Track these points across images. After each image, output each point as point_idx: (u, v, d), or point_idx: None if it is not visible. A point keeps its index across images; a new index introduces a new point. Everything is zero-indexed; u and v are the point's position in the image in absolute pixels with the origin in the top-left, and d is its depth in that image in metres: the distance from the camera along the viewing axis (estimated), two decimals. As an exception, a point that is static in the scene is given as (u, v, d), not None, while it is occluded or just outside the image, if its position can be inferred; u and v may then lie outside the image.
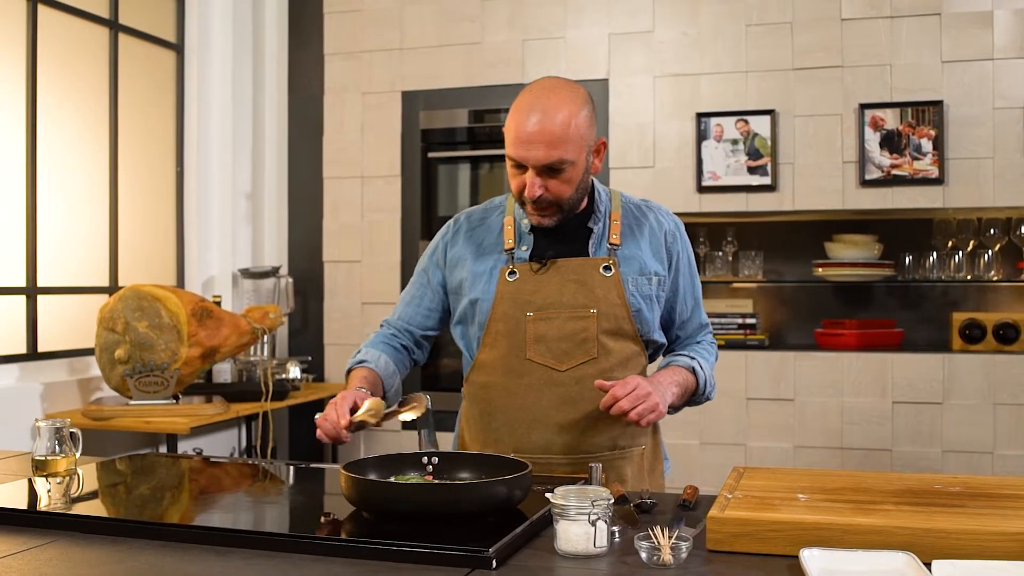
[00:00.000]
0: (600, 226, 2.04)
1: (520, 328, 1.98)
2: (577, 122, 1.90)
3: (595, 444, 1.99)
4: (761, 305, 4.41)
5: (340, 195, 4.58)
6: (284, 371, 4.21)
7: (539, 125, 1.87)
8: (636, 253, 2.02)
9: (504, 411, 2.02)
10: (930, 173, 3.85)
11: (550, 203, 1.94)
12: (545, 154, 1.88)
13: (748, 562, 1.37)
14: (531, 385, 1.98)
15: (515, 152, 1.90)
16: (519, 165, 1.92)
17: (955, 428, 3.78)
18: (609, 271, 1.99)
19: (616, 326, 1.98)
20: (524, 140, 1.88)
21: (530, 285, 1.99)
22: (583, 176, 1.96)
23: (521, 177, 1.93)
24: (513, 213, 2.07)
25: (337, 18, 4.59)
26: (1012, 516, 1.41)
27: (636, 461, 2.06)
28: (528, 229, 2.04)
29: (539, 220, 1.98)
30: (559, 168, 1.90)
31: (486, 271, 2.04)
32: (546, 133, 1.87)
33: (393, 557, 1.39)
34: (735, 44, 4.08)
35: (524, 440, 2.00)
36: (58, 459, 1.89)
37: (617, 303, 1.98)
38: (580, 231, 2.03)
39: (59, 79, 3.76)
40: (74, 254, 3.85)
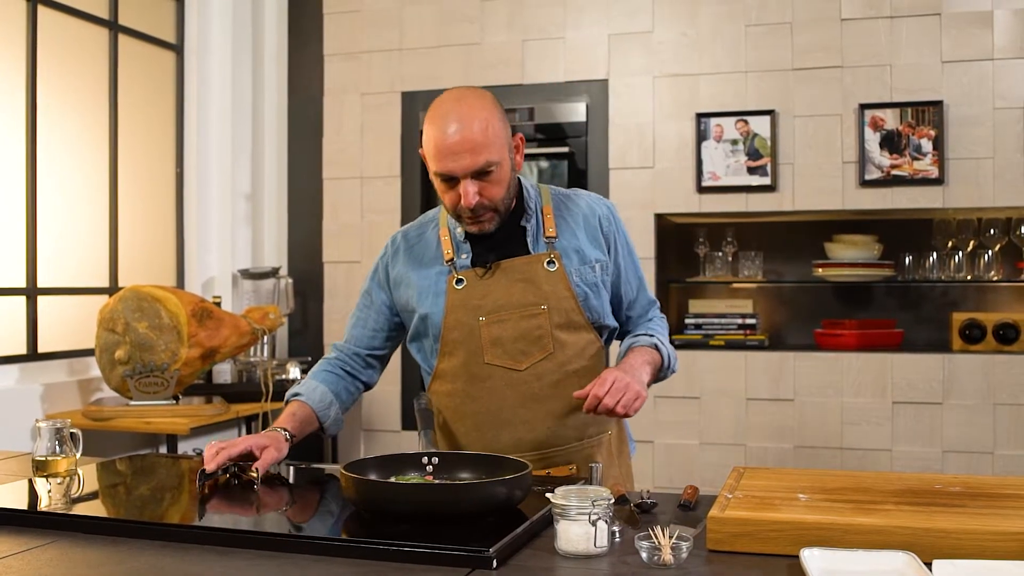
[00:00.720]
0: (533, 222, 2.06)
1: (475, 334, 2.00)
2: (494, 124, 1.93)
3: (563, 437, 2.03)
4: (761, 305, 4.41)
5: (340, 196, 4.58)
6: (284, 372, 4.20)
7: (459, 134, 1.89)
8: (574, 243, 2.05)
9: (470, 416, 2.04)
10: (930, 173, 3.85)
11: (486, 208, 1.95)
12: (472, 160, 1.89)
13: (748, 562, 1.37)
14: (493, 388, 2.01)
15: (442, 166, 1.91)
16: (448, 179, 1.93)
17: (955, 428, 3.78)
18: (553, 265, 2.01)
19: (567, 319, 2.01)
20: (448, 152, 1.90)
21: (479, 290, 2.01)
22: (510, 176, 1.99)
23: (453, 191, 1.94)
24: (447, 224, 2.09)
25: (336, 19, 4.60)
26: (1012, 516, 1.41)
27: (605, 447, 2.10)
28: (463, 238, 2.05)
29: (479, 228, 1.98)
30: (488, 171, 1.92)
31: (431, 284, 2.05)
32: (467, 141, 1.89)
33: (394, 557, 1.39)
34: (735, 44, 4.08)
35: (493, 442, 2.02)
36: (58, 460, 1.89)
37: (565, 295, 2.01)
38: (514, 231, 2.05)
39: (59, 80, 3.76)
40: (74, 255, 3.85)
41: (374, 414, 4.51)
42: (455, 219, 2.02)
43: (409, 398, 4.36)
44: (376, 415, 4.51)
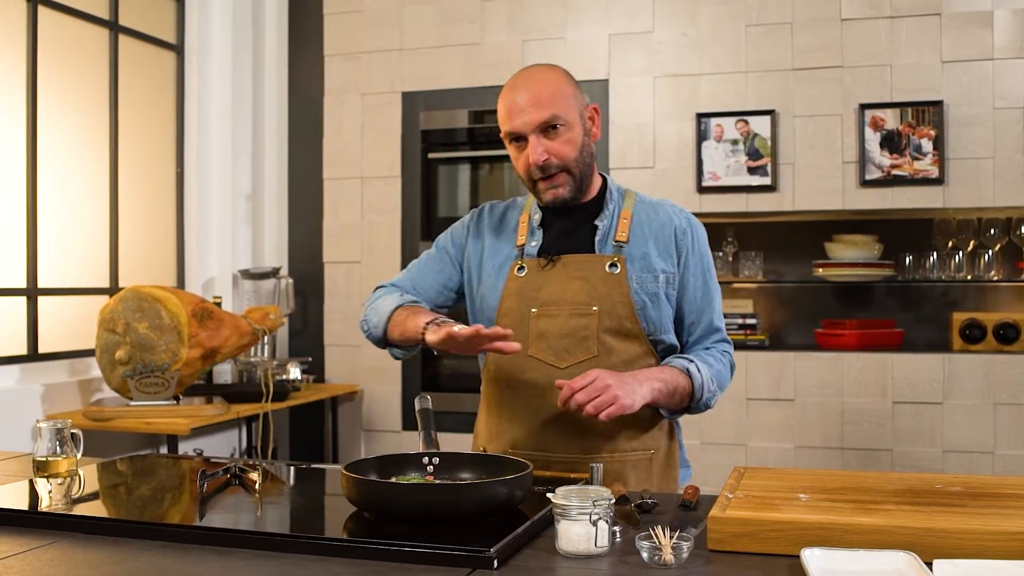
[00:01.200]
0: (606, 223, 2.02)
1: (524, 324, 1.98)
2: (561, 86, 1.96)
3: (593, 446, 1.97)
4: (761, 305, 4.41)
5: (340, 196, 4.58)
6: (284, 372, 4.21)
7: (526, 93, 1.94)
8: (643, 251, 2.00)
9: (507, 406, 2.03)
10: (930, 173, 3.85)
11: (558, 169, 1.94)
12: (536, 114, 1.91)
13: (749, 562, 1.37)
14: (533, 381, 1.98)
15: (509, 126, 1.95)
16: (517, 140, 1.95)
17: (955, 428, 3.78)
18: (615, 268, 1.96)
19: (618, 324, 1.96)
20: (515, 111, 1.93)
21: (536, 281, 1.99)
22: (583, 141, 1.97)
23: (524, 153, 1.95)
24: (528, 210, 2.08)
25: (337, 19, 4.60)
26: (1013, 516, 1.41)
27: (643, 466, 2.01)
28: (539, 223, 2.05)
29: (553, 194, 1.97)
30: (555, 126, 1.93)
31: (497, 266, 2.05)
32: (533, 98, 1.93)
33: (394, 557, 1.39)
34: (735, 44, 4.08)
35: (523, 436, 2.00)
36: (59, 460, 1.89)
37: (620, 301, 1.95)
38: (587, 227, 2.02)
39: (59, 80, 3.76)
40: (74, 255, 3.85)
41: (374, 414, 4.51)
42: (531, 190, 2.01)
43: (409, 398, 4.36)
44: (376, 415, 4.51)
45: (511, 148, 1.99)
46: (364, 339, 4.75)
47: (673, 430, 2.10)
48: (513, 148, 1.98)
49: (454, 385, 4.39)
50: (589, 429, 1.94)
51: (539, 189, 1.99)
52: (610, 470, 1.94)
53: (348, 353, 4.55)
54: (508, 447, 2.02)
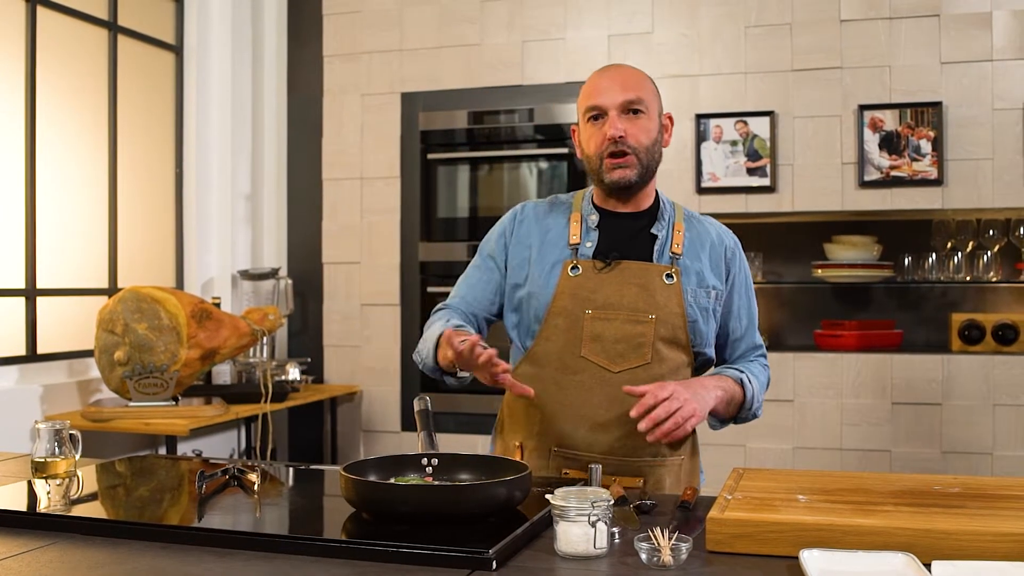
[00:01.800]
0: (664, 233, 2.05)
1: (578, 325, 1.98)
2: (648, 80, 2.04)
3: (637, 449, 1.98)
4: (760, 306, 4.37)
5: (339, 196, 4.58)
6: (283, 372, 4.21)
7: (615, 76, 2.00)
8: (697, 265, 2.04)
9: (552, 405, 2.01)
10: (929, 174, 3.86)
11: (630, 150, 1.98)
12: (622, 93, 1.97)
13: (748, 563, 1.37)
14: (582, 383, 1.98)
15: (593, 100, 1.98)
16: (596, 118, 1.99)
17: (954, 429, 3.78)
18: (671, 279, 1.99)
19: (672, 334, 1.99)
20: (601, 89, 1.98)
21: (592, 283, 1.99)
22: (657, 135, 2.03)
23: (600, 129, 1.98)
24: (580, 210, 2.09)
25: (336, 19, 4.60)
26: (1011, 517, 1.41)
27: (675, 471, 2.06)
28: (595, 224, 2.06)
29: (621, 174, 1.99)
30: (637, 109, 1.98)
31: (548, 264, 2.04)
32: (621, 80, 1.99)
33: (393, 558, 1.39)
34: (734, 45, 4.08)
35: (568, 436, 2.00)
36: (58, 461, 1.89)
37: (676, 312, 1.98)
38: (644, 235, 2.05)
39: (58, 81, 3.76)
40: (73, 256, 3.85)
41: (373, 415, 4.51)
42: (595, 171, 2.02)
43: (409, 399, 4.36)
44: (375, 416, 4.51)
45: (586, 126, 2.02)
46: (363, 340, 4.77)
47: (696, 435, 2.14)
48: (589, 125, 2.01)
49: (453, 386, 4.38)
50: (633, 432, 1.91)
51: (605, 167, 1.99)
52: (651, 474, 2.00)
53: (347, 354, 4.55)
54: (554, 445, 2.02)
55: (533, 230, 2.10)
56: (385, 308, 4.49)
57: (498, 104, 4.35)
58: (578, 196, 2.13)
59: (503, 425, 2.16)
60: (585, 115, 2.01)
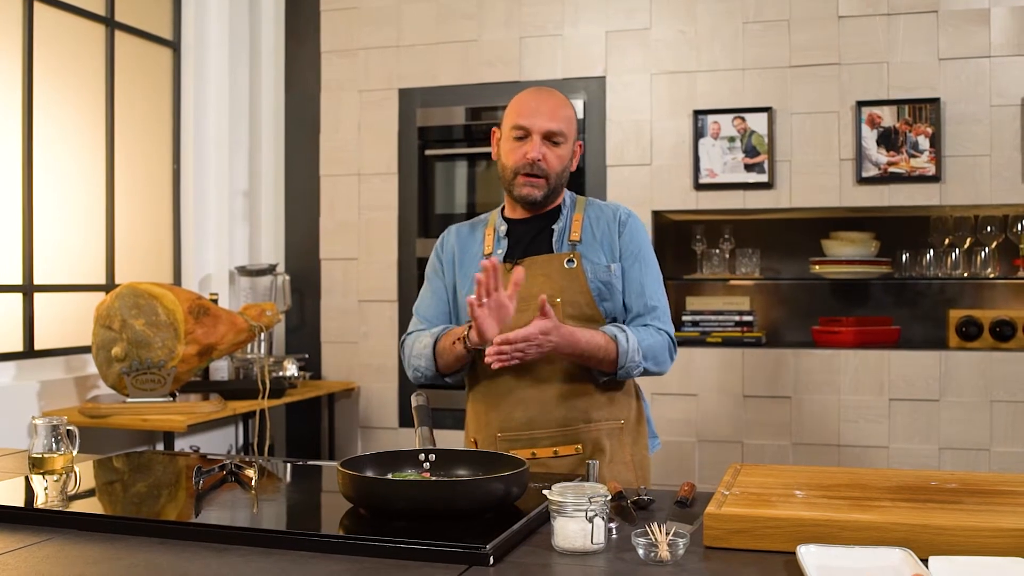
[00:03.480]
0: (561, 225, 2.28)
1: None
2: (573, 116, 2.29)
3: (570, 419, 2.20)
4: (758, 302, 4.41)
5: (337, 193, 4.58)
6: (281, 369, 4.20)
7: (548, 103, 2.23)
8: (593, 246, 2.26)
9: (490, 396, 2.25)
10: (927, 171, 3.86)
11: (542, 173, 2.22)
12: (549, 122, 2.21)
13: (745, 558, 1.38)
14: (511, 370, 2.17)
15: (522, 120, 2.21)
16: (521, 137, 2.21)
17: (952, 425, 3.79)
18: (572, 263, 2.23)
19: (580, 312, 2.21)
20: (531, 111, 2.21)
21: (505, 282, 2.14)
22: (567, 162, 2.28)
23: (521, 148, 2.22)
24: (493, 223, 2.34)
25: (334, 16, 4.59)
26: (1008, 512, 1.42)
27: (615, 435, 2.25)
28: (504, 233, 2.30)
29: (529, 192, 2.23)
30: (557, 140, 2.22)
31: (469, 275, 2.27)
32: (552, 110, 2.22)
33: (390, 554, 1.39)
34: (732, 42, 4.08)
35: (508, 419, 2.21)
36: (55, 457, 1.88)
37: (580, 291, 2.21)
38: (546, 232, 2.29)
39: (55, 76, 3.75)
40: (71, 252, 3.85)
41: (371, 411, 4.51)
42: (508, 184, 2.26)
43: (406, 395, 4.36)
44: (373, 412, 4.51)
45: (508, 140, 2.25)
46: (361, 336, 4.77)
47: (640, 403, 2.35)
48: (511, 140, 2.24)
49: (450, 383, 4.38)
50: (563, 403, 2.20)
51: (518, 183, 2.24)
52: (587, 439, 2.21)
53: (345, 350, 4.55)
54: (497, 432, 2.23)
55: (456, 249, 2.37)
56: (383, 304, 4.49)
57: (496, 100, 4.35)
58: (493, 213, 2.39)
59: (466, 425, 2.39)
60: (511, 130, 2.23)
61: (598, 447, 2.21)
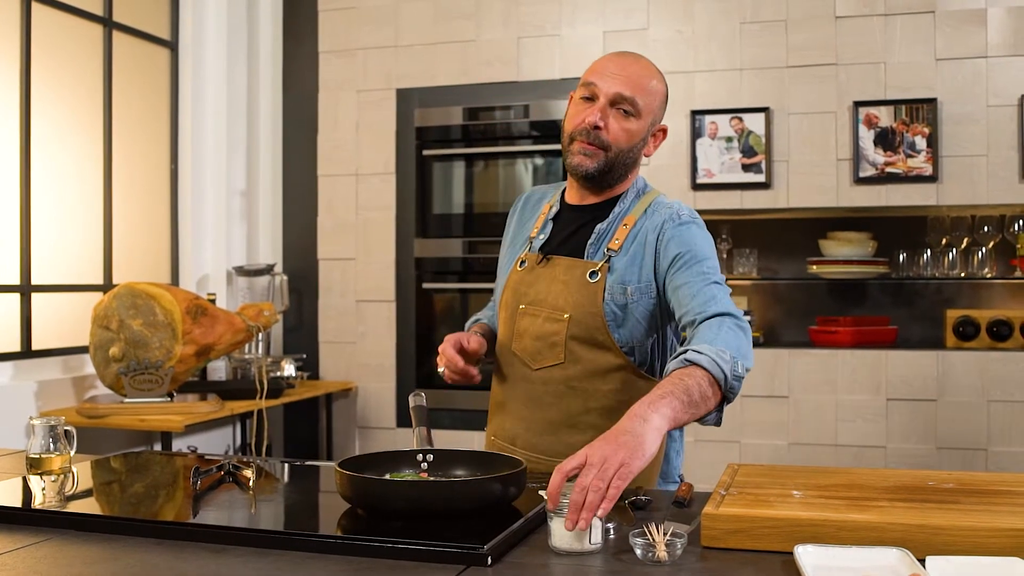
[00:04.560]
0: (604, 227, 1.94)
1: (513, 319, 2.00)
2: (657, 85, 1.94)
3: (553, 450, 1.92)
4: (755, 302, 4.41)
5: (335, 193, 4.58)
6: (279, 369, 4.20)
7: (628, 67, 1.90)
8: (625, 260, 1.89)
9: (499, 395, 2.07)
10: (924, 171, 3.86)
11: (601, 143, 1.89)
12: (621, 86, 1.88)
13: (743, 558, 1.38)
14: (512, 376, 2.02)
15: (592, 77, 1.90)
16: (587, 97, 1.91)
17: (949, 425, 3.79)
18: (595, 276, 1.89)
19: (588, 334, 1.88)
20: (605, 71, 1.90)
21: (529, 277, 1.99)
22: (639, 143, 1.93)
23: (586, 110, 1.90)
24: (552, 200, 2.06)
25: (332, 15, 4.59)
26: (1006, 512, 1.42)
27: None
28: (552, 216, 2.02)
29: (581, 161, 1.89)
30: (627, 110, 1.89)
31: (511, 256, 2.08)
32: (628, 72, 1.90)
33: (388, 554, 1.39)
34: (729, 42, 4.08)
35: (499, 427, 2.06)
36: (52, 457, 1.88)
37: (592, 311, 1.87)
38: (587, 229, 1.96)
39: (53, 77, 3.75)
40: (68, 252, 3.84)
41: (369, 411, 4.51)
42: (565, 149, 1.94)
43: (404, 395, 4.36)
44: (371, 412, 4.51)
45: (576, 100, 1.93)
46: (359, 336, 4.76)
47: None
48: (578, 101, 1.92)
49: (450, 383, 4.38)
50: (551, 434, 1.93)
51: (572, 150, 1.91)
52: None
53: (343, 350, 4.55)
54: (491, 435, 2.08)
55: (515, 222, 2.13)
56: (380, 304, 4.49)
57: (493, 100, 4.35)
58: (559, 188, 2.08)
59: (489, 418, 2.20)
60: (580, 88, 1.93)
61: None
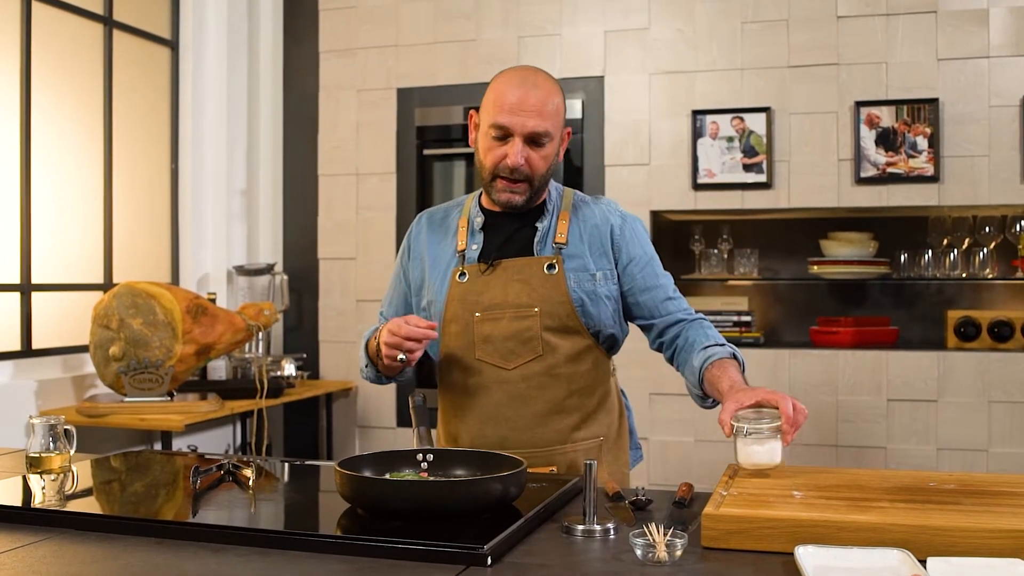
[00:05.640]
0: (546, 224, 2.06)
1: (469, 329, 2.03)
2: (558, 102, 2.00)
3: (545, 439, 2.04)
4: (756, 303, 4.41)
5: (335, 192, 4.58)
6: (279, 368, 4.20)
7: (532, 96, 1.94)
8: (580, 249, 2.04)
9: (461, 408, 2.08)
10: (925, 171, 3.86)
11: (524, 178, 1.98)
12: (536, 123, 1.94)
13: (743, 559, 1.37)
14: (482, 384, 2.04)
15: (504, 119, 1.94)
16: (501, 137, 1.96)
17: (950, 426, 3.79)
18: (553, 269, 2.01)
19: (560, 323, 2.01)
20: (515, 108, 1.93)
21: (477, 286, 2.03)
22: (554, 159, 2.02)
23: (501, 148, 1.97)
24: (468, 214, 2.11)
25: (332, 15, 4.59)
26: (1007, 513, 1.42)
27: (592, 452, 2.08)
28: (480, 227, 2.08)
29: (509, 197, 2.00)
30: (541, 142, 1.96)
31: (440, 273, 2.09)
32: (537, 104, 1.94)
33: (388, 554, 1.38)
34: (731, 42, 4.08)
35: (479, 436, 2.06)
36: (52, 456, 1.88)
37: (560, 300, 2.00)
38: (527, 230, 2.07)
39: (53, 76, 3.75)
40: (68, 251, 3.84)
41: (369, 411, 4.51)
42: (486, 184, 2.03)
43: (404, 395, 4.35)
44: (371, 412, 4.51)
45: (485, 136, 1.99)
46: (359, 335, 4.76)
47: (623, 418, 2.19)
48: (489, 137, 1.98)
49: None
50: (540, 425, 2.03)
51: (496, 187, 2.01)
52: (563, 460, 2.04)
53: (343, 349, 4.55)
54: (467, 446, 2.06)
55: (425, 243, 2.14)
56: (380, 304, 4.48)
57: (494, 100, 4.34)
58: (468, 201, 2.15)
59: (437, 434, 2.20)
60: (489, 128, 1.97)
61: (574, 467, 2.04)
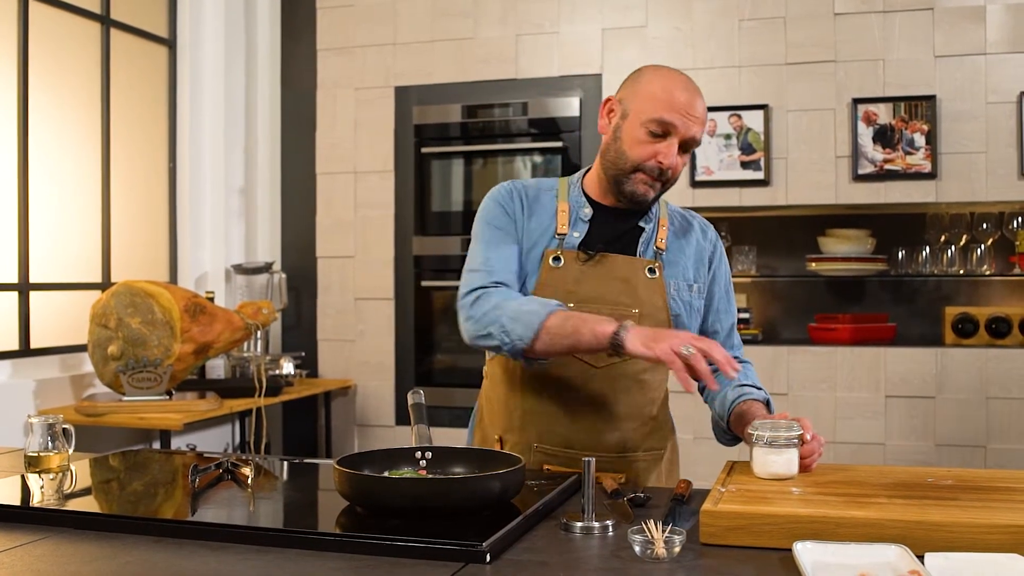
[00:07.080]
0: (650, 227, 2.00)
1: None
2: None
3: (615, 446, 1.98)
4: (754, 300, 4.41)
5: (333, 191, 4.58)
6: (277, 367, 4.20)
7: (698, 103, 1.90)
8: (680, 259, 2.00)
9: (534, 400, 1.97)
10: (923, 168, 3.86)
11: (665, 179, 1.92)
12: (697, 130, 1.90)
13: (741, 555, 1.38)
14: (566, 378, 1.94)
15: (673, 118, 1.86)
16: (660, 134, 1.88)
17: (948, 422, 3.79)
18: (654, 273, 1.95)
19: None
20: (685, 110, 1.87)
21: (573, 275, 1.93)
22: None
23: (655, 145, 1.88)
24: (568, 199, 2.00)
25: (330, 13, 4.58)
26: (1004, 509, 1.42)
27: (654, 465, 2.05)
28: (588, 217, 1.98)
29: (646, 191, 1.91)
30: (689, 149, 1.92)
31: (533, 251, 1.96)
32: (702, 113, 1.91)
33: (387, 552, 1.39)
34: (728, 39, 4.08)
35: (549, 432, 1.96)
36: (51, 455, 1.88)
37: (659, 306, 1.94)
38: (633, 230, 1.99)
39: (51, 75, 3.74)
40: (67, 250, 3.84)
41: (367, 409, 4.51)
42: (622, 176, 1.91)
43: (402, 393, 4.36)
44: (370, 410, 4.51)
45: (639, 127, 1.89)
46: (357, 334, 4.74)
47: (674, 430, 2.18)
48: (644, 131, 1.88)
49: (447, 380, 4.39)
50: (614, 429, 1.96)
51: (635, 179, 1.90)
52: (628, 468, 1.98)
53: (341, 348, 4.55)
54: (534, 441, 1.98)
55: (521, 213, 1.99)
56: (379, 302, 4.48)
57: (492, 98, 4.35)
58: (562, 184, 2.04)
59: (482, 417, 2.11)
60: (649, 121, 1.87)
61: (639, 477, 1.99)
